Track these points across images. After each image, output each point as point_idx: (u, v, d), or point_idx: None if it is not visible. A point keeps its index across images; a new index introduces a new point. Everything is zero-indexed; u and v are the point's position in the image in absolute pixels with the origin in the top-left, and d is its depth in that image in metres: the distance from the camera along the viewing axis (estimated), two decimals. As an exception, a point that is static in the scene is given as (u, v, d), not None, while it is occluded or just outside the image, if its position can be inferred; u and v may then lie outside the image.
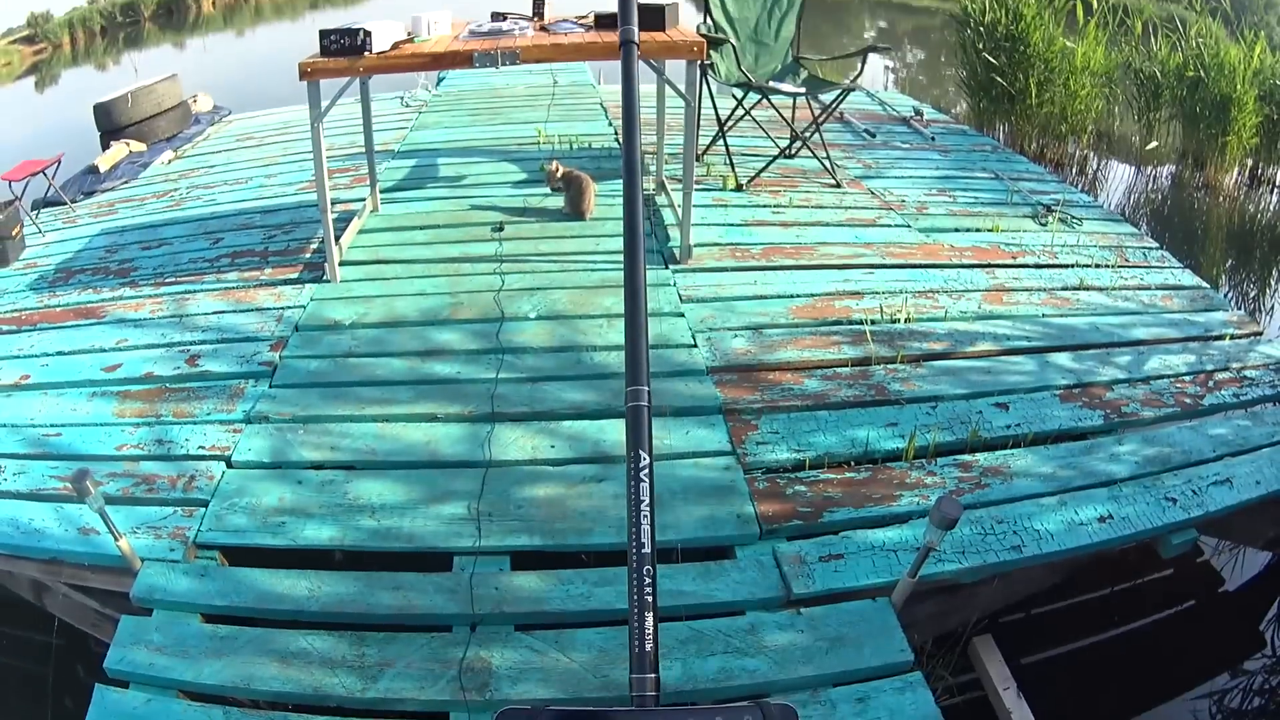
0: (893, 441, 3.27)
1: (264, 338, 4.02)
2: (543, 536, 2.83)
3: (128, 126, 8.03)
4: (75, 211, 6.49)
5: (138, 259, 5.19)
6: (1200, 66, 8.46)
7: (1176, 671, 3.42)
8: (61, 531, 2.89)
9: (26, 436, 3.44)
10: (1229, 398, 3.62)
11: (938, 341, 3.95)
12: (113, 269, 5.07)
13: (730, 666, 2.40)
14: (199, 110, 9.09)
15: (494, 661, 2.41)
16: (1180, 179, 8.76)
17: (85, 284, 4.89)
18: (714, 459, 3.17)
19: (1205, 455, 3.25)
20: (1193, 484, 3.08)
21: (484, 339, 3.94)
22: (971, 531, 2.83)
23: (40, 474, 3.18)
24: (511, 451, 3.21)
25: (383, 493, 3.02)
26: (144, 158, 7.63)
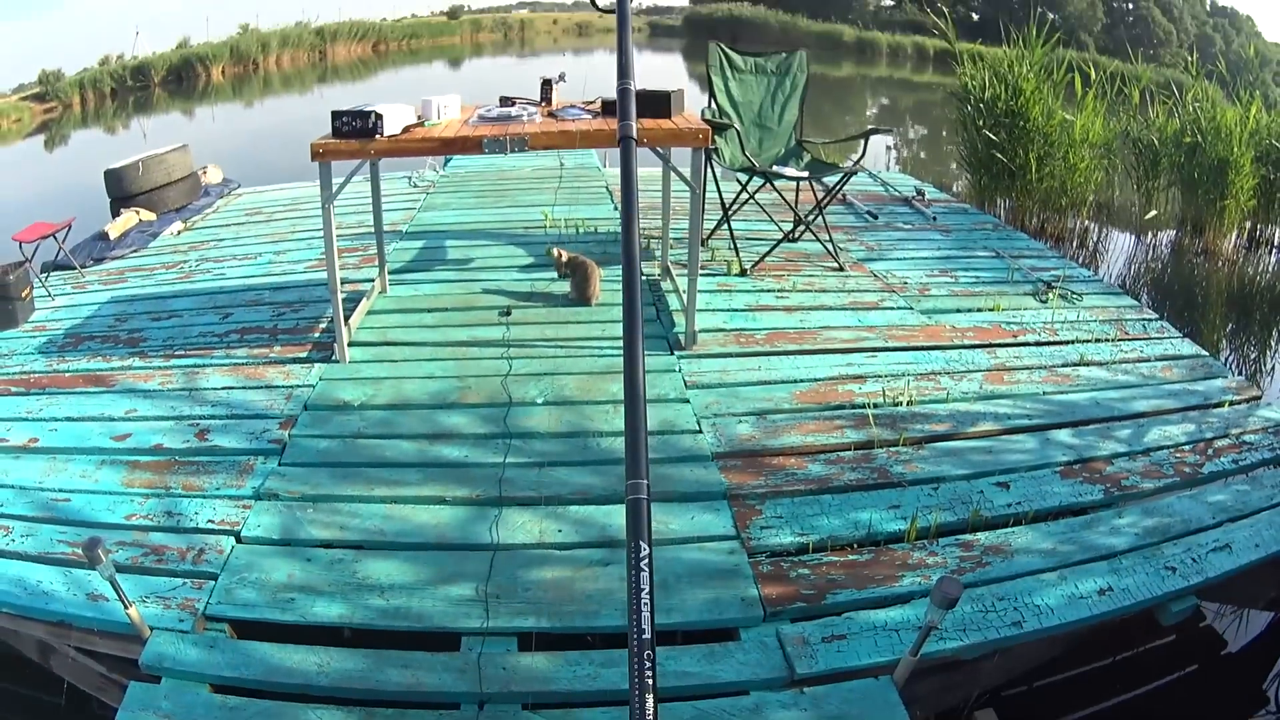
0: (895, 523, 3.34)
1: (273, 415, 4.11)
2: (550, 618, 2.89)
3: (138, 195, 8.16)
4: (85, 277, 6.63)
5: (147, 329, 5.30)
6: (1197, 131, 8.71)
7: None
8: (70, 595, 2.96)
9: (35, 500, 3.51)
10: (1228, 464, 3.71)
11: (940, 423, 4.04)
12: (122, 338, 5.17)
13: (735, 746, 2.46)
14: (209, 182, 9.27)
15: (502, 741, 2.48)
16: (1180, 246, 8.97)
17: (94, 351, 5.00)
18: (718, 543, 3.24)
19: (1205, 523, 3.33)
20: (1192, 552, 3.16)
21: (491, 423, 4.02)
22: (973, 609, 2.89)
23: (49, 537, 3.26)
24: (519, 535, 3.27)
25: (391, 573, 3.08)
26: (153, 227, 7.78)
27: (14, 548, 3.20)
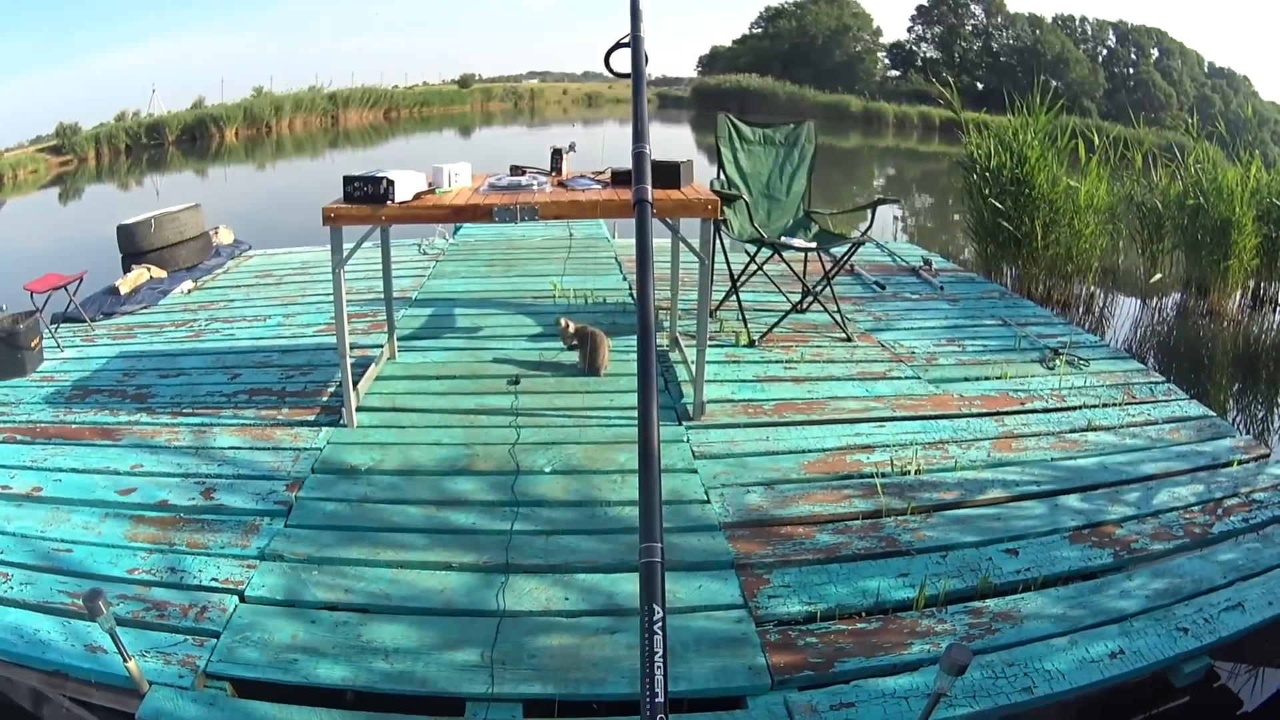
0: (903, 591, 3.33)
1: (280, 477, 4.13)
2: (556, 685, 2.87)
3: (149, 251, 8.28)
4: (94, 330, 6.70)
5: (155, 386, 5.34)
6: (1200, 193, 8.83)
7: None
8: (68, 646, 2.97)
9: (36, 549, 3.53)
10: (1238, 523, 3.72)
11: (948, 491, 4.05)
12: (130, 393, 5.22)
13: (744, 813, 2.45)
14: (220, 242, 9.39)
15: (508, 807, 2.47)
16: (1185, 307, 9.05)
17: (101, 404, 5.04)
18: (726, 612, 3.23)
19: (1216, 582, 3.32)
20: (1204, 612, 3.15)
21: (499, 490, 4.03)
22: (982, 675, 2.87)
23: (49, 587, 3.26)
24: (525, 602, 3.27)
25: (396, 636, 3.08)
26: (164, 284, 7.88)
27: (13, 595, 3.22)
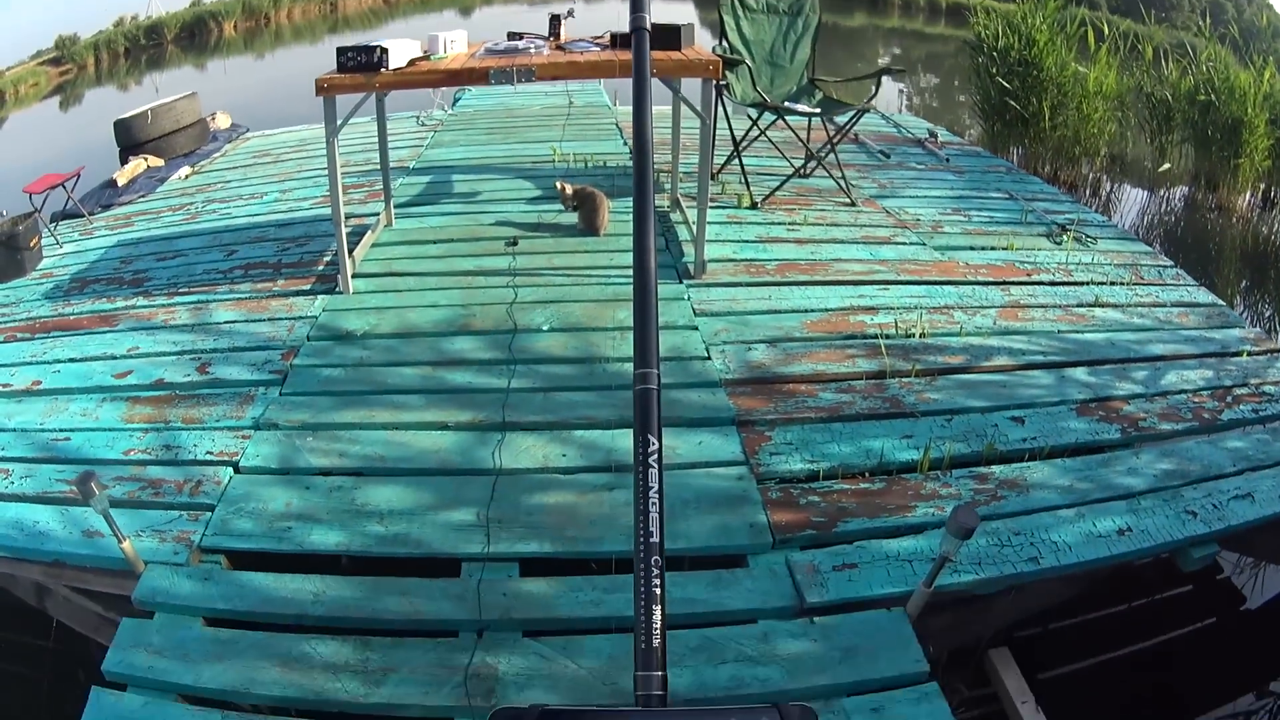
0: (908, 453, 3.20)
1: (275, 346, 3.97)
2: (553, 543, 2.76)
3: (146, 143, 8.05)
4: (92, 224, 6.48)
5: (152, 269, 5.16)
6: (1211, 90, 8.45)
7: (1199, 691, 3.32)
8: (65, 534, 2.83)
9: (35, 441, 3.38)
10: (1248, 413, 3.55)
11: (953, 356, 3.89)
12: (127, 279, 5.04)
13: (742, 675, 2.32)
14: (217, 128, 9.10)
15: (500, 668, 2.34)
16: (1193, 201, 8.74)
17: (99, 293, 4.87)
18: (727, 469, 3.10)
19: (1225, 470, 3.18)
20: (1213, 498, 3.01)
21: (497, 349, 3.88)
22: (988, 543, 2.76)
23: (47, 477, 3.12)
24: (522, 460, 3.14)
25: (391, 499, 2.95)
26: (161, 172, 7.64)
27: (13, 490, 3.07)
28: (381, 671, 2.36)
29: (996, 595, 2.78)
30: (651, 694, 0.85)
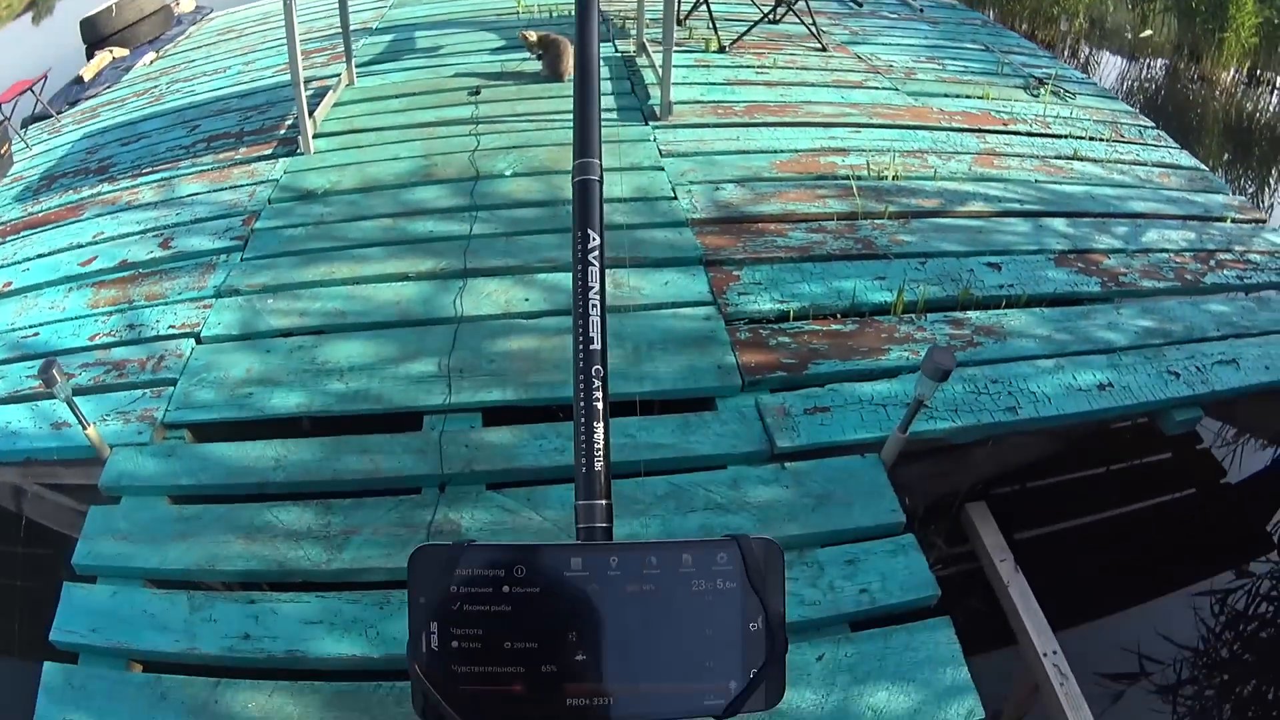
0: (880, 295, 3.05)
1: (237, 213, 3.75)
2: (515, 390, 2.61)
3: (112, 36, 7.75)
4: (60, 122, 6.18)
5: (117, 155, 4.90)
6: None
7: (1178, 563, 3.29)
8: (35, 429, 2.68)
9: (6, 341, 3.21)
10: (1232, 279, 3.36)
11: (927, 199, 3.69)
12: (92, 168, 4.79)
13: (711, 523, 2.19)
14: (182, 12, 8.70)
15: (463, 522, 2.20)
16: (1175, 70, 8.32)
17: (66, 186, 4.63)
18: (693, 309, 2.96)
19: (1208, 333, 3.01)
20: (1196, 360, 2.85)
21: (459, 196, 3.67)
22: (964, 389, 2.62)
23: (18, 376, 2.96)
24: (484, 306, 2.98)
25: (351, 355, 2.80)
26: (126, 61, 7.32)
27: (-15, 394, 2.91)
28: (343, 535, 2.23)
29: (973, 446, 2.65)
30: (595, 526, 0.69)
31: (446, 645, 0.60)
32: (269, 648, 2.03)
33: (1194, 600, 3.14)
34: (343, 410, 2.61)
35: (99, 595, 2.17)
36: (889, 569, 2.15)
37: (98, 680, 2.00)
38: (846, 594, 2.12)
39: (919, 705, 1.92)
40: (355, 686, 1.97)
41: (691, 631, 0.62)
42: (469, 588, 0.61)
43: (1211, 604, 3.16)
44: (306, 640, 2.04)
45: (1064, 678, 2.38)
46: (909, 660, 2.00)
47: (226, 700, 1.94)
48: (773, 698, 0.63)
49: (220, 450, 2.52)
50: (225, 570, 2.21)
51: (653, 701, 0.62)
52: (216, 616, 2.10)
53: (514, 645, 0.60)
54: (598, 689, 0.61)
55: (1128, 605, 3.15)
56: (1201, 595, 3.16)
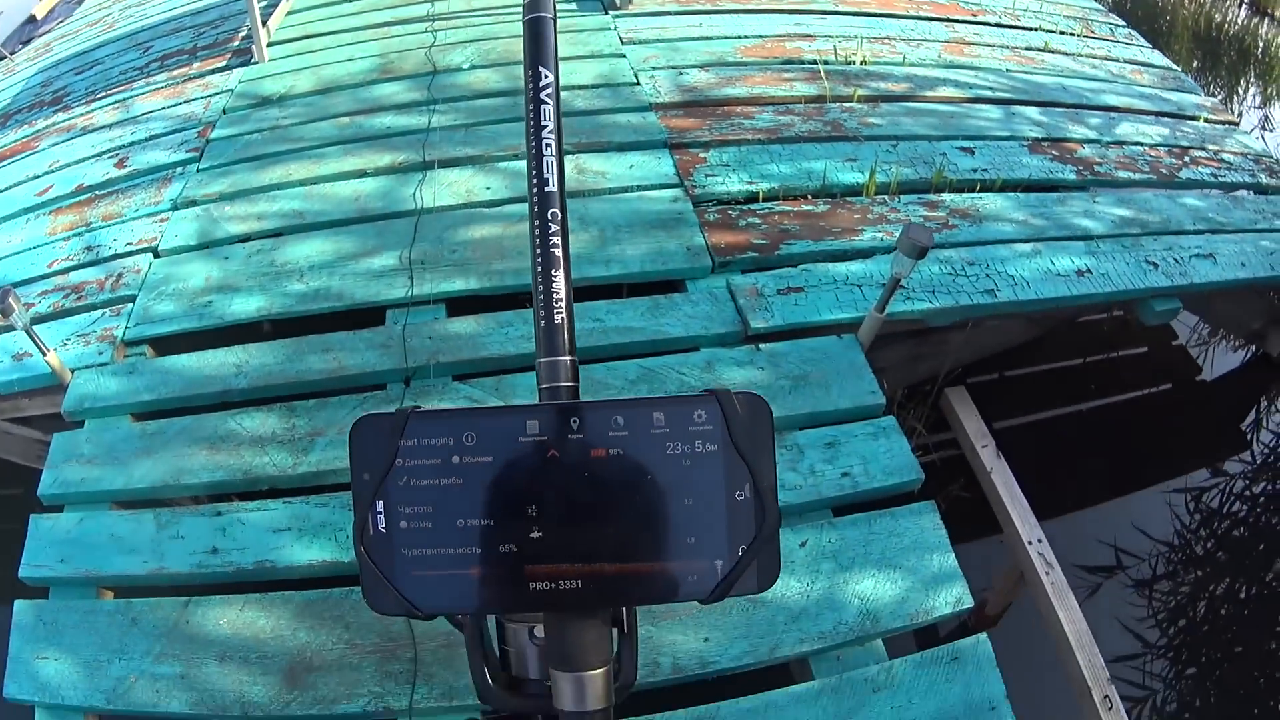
0: (852, 175, 2.91)
1: (192, 125, 3.53)
2: (479, 279, 2.46)
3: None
4: (14, 62, 5.85)
5: (71, 84, 4.63)
6: None
7: (1154, 458, 3.28)
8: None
9: (-35, 284, 3.01)
10: (1207, 176, 3.23)
11: (896, 84, 3.53)
12: (47, 100, 4.52)
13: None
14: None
15: (430, 413, 2.04)
16: None
17: (21, 122, 4.36)
18: (660, 191, 2.80)
19: (1185, 226, 2.90)
20: (1174, 252, 2.73)
21: (417, 91, 3.46)
22: (941, 270, 2.49)
23: (-20, 316, 2.77)
24: (445, 197, 2.80)
25: (311, 254, 2.63)
26: (79, -4, 7.01)
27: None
28: (309, 437, 2.08)
29: (951, 329, 2.56)
30: (559, 385, 0.58)
31: (394, 526, 0.53)
32: (238, 560, 1.89)
33: (1169, 497, 3.13)
34: (304, 310, 2.44)
35: (66, 524, 2.03)
36: (870, 452, 2.04)
37: (68, 612, 1.87)
38: (828, 478, 2.00)
39: (906, 593, 1.81)
40: (325, 594, 1.83)
41: (668, 503, 0.53)
42: (415, 460, 0.53)
43: (1186, 501, 3.14)
44: (275, 549, 1.90)
45: (1049, 566, 2.30)
46: (894, 546, 1.89)
47: (197, 619, 1.81)
48: (766, 579, 0.55)
49: (182, 361, 2.35)
50: (191, 484, 2.06)
51: (627, 585, 0.54)
52: (184, 533, 1.95)
53: (467, 523, 0.52)
54: (563, 570, 0.53)
55: (1104, 499, 3.13)
56: (1177, 492, 3.14)
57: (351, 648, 1.75)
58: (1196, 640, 2.89)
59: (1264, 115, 5.71)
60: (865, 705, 1.66)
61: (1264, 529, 3.17)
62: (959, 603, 1.80)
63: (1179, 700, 2.76)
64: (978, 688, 1.68)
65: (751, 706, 1.65)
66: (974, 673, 1.70)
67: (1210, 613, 2.97)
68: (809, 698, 1.67)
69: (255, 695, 1.69)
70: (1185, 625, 2.93)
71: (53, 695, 1.73)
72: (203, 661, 1.75)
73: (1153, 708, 2.73)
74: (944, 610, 1.79)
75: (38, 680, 1.76)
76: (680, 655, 1.70)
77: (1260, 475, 3.28)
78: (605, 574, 0.53)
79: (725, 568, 0.54)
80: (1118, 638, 2.74)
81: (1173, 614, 2.94)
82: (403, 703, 1.66)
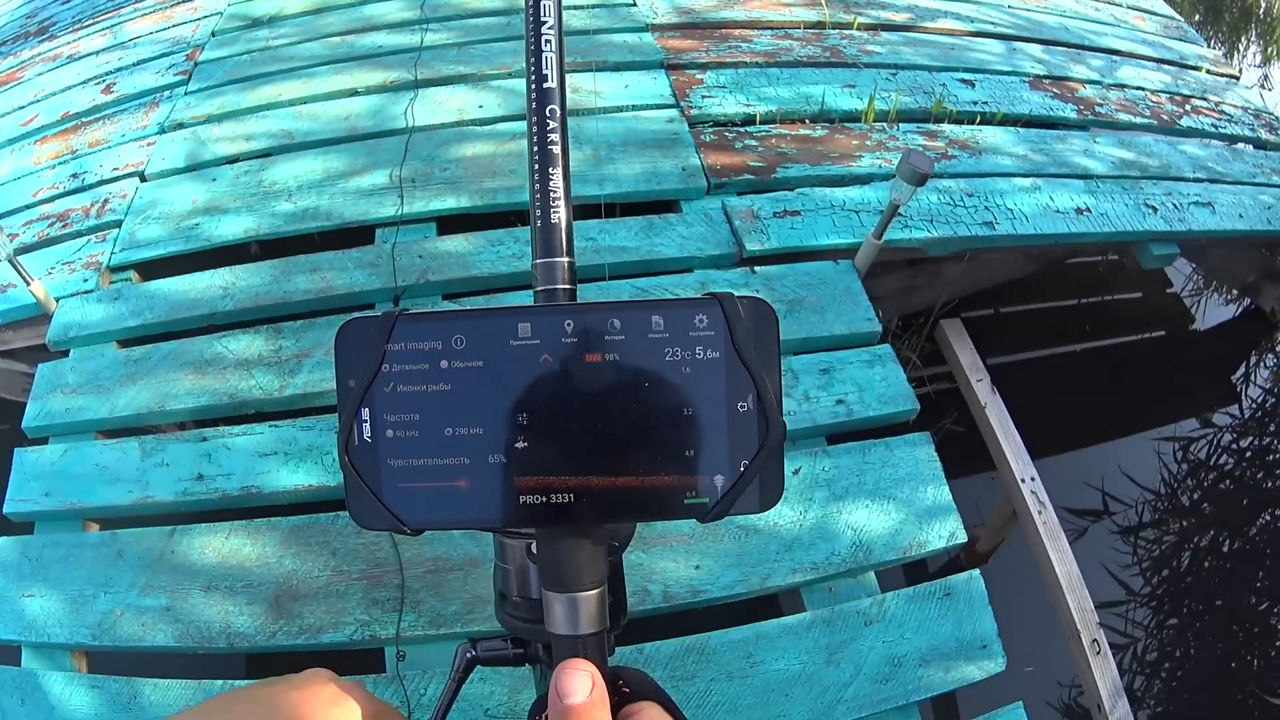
0: (851, 102, 2.82)
1: (180, 49, 3.40)
2: (471, 197, 2.36)
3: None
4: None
5: (57, 14, 4.48)
6: None
7: (1144, 404, 3.26)
8: (-18, 300, 2.41)
9: (-49, 221, 2.90)
10: (1208, 126, 3.14)
11: (896, 14, 3.43)
12: (32, 31, 4.38)
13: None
14: None
15: (419, 333, 1.97)
16: None
17: (5, 54, 4.23)
18: (656, 111, 2.71)
19: (1184, 173, 2.83)
20: (1173, 198, 2.65)
21: (410, 10, 3.34)
22: (940, 200, 2.42)
23: (-38, 252, 2.68)
24: (437, 115, 2.70)
25: (300, 174, 2.53)
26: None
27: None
28: (295, 359, 2.00)
29: (949, 260, 2.49)
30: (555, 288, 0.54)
31: (380, 435, 0.50)
32: (223, 486, 1.82)
33: (1158, 445, 3.13)
34: (292, 230, 2.36)
35: (50, 455, 1.95)
36: (866, 379, 1.97)
37: (54, 547, 1.80)
38: (822, 405, 1.93)
39: (899, 525, 1.75)
40: (312, 519, 1.76)
41: (666, 413, 0.49)
42: (402, 365, 0.50)
43: (1175, 450, 3.13)
44: (261, 474, 1.83)
45: (1042, 506, 2.27)
46: (888, 477, 1.82)
47: (183, 548, 1.75)
48: (768, 498, 0.51)
49: (168, 286, 2.26)
50: (176, 410, 1.98)
51: (621, 499, 0.50)
52: (169, 460, 1.87)
53: (456, 432, 0.49)
54: (555, 483, 0.49)
55: (1092, 441, 3.14)
56: (1165, 440, 3.14)
57: (338, 574, 1.69)
58: (1179, 591, 2.89)
59: (1264, 74, 5.63)
60: (857, 638, 1.60)
61: (1249, 485, 3.16)
62: (952, 537, 1.73)
63: (1159, 650, 2.77)
64: (969, 625, 1.63)
65: (742, 637, 1.59)
66: (966, 609, 1.64)
67: (1194, 565, 2.97)
68: (800, 629, 1.61)
69: (241, 626, 1.63)
70: (1168, 575, 2.92)
71: (39, 634, 1.67)
72: (188, 593, 1.68)
73: (1133, 656, 2.73)
74: (937, 545, 1.73)
75: (24, 619, 1.70)
76: (671, 583, 1.64)
77: (1248, 430, 3.26)
78: (598, 488, 0.50)
79: (725, 484, 0.50)
80: (1102, 584, 2.73)
81: (1156, 563, 2.93)
82: (389, 630, 1.60)
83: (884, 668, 1.57)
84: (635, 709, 0.53)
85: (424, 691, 1.54)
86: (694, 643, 1.58)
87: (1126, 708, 1.97)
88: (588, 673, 0.50)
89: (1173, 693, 2.71)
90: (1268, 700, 2.62)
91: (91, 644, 1.66)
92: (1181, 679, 2.73)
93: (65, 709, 1.59)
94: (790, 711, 1.52)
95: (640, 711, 0.53)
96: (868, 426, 1.94)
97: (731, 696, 1.53)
